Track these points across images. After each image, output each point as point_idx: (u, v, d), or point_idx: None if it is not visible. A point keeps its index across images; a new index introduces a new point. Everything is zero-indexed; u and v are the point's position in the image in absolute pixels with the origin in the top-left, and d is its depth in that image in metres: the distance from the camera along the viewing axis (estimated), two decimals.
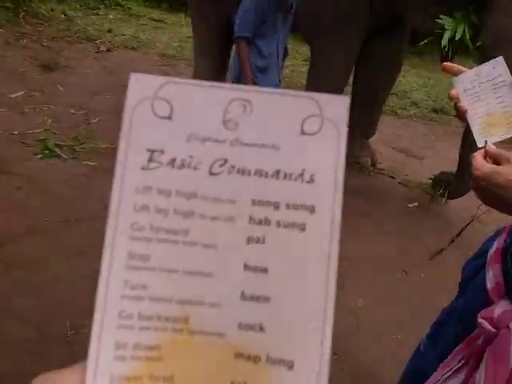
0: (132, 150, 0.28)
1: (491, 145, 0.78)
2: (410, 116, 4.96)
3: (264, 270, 0.27)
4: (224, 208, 0.27)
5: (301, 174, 0.28)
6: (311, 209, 0.27)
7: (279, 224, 0.27)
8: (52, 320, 1.80)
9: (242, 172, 0.28)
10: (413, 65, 6.56)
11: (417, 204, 3.19)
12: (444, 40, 2.68)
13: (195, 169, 0.28)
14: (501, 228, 0.86)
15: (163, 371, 0.27)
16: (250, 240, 0.27)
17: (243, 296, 0.27)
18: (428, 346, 0.95)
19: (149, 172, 0.28)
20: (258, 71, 2.62)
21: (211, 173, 0.28)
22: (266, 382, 0.27)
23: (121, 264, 0.27)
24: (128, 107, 0.28)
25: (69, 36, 5.42)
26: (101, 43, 5.40)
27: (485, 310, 0.71)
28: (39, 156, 2.98)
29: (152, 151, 0.28)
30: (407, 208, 3.15)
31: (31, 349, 1.67)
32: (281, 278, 0.27)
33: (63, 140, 3.20)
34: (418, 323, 2.06)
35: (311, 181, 0.27)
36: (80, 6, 6.61)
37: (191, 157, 0.28)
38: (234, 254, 0.27)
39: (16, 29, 5.16)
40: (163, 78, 0.28)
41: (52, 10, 6.00)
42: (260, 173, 0.28)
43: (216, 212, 0.27)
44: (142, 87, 0.28)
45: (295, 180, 0.28)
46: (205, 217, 0.27)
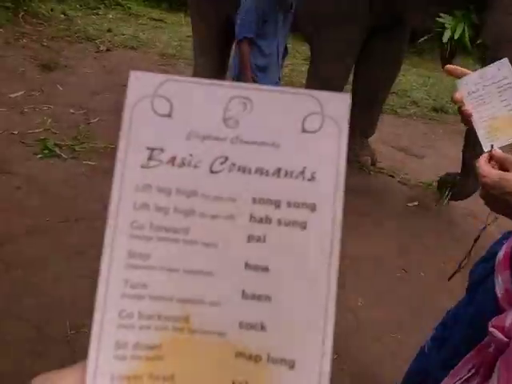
0: (132, 148, 0.28)
1: (497, 149, 0.77)
2: (410, 115, 4.96)
3: (265, 269, 0.27)
4: (224, 206, 0.27)
5: (302, 172, 0.27)
6: (312, 207, 0.27)
7: (280, 222, 0.27)
8: (52, 320, 1.79)
9: (243, 170, 0.27)
10: (413, 64, 6.56)
11: (416, 203, 3.19)
12: (444, 38, 2.67)
13: (195, 167, 0.27)
14: (510, 230, 0.84)
15: (164, 371, 0.27)
16: (251, 238, 0.27)
17: (244, 295, 0.27)
18: (432, 348, 0.94)
19: (149, 170, 0.27)
20: (258, 70, 2.62)
21: (212, 171, 0.27)
22: (267, 382, 0.27)
23: (121, 263, 0.27)
24: (128, 105, 0.28)
25: (68, 36, 5.42)
26: (100, 43, 5.39)
27: (496, 319, 0.69)
28: (39, 156, 2.98)
29: (152, 149, 0.27)
30: (407, 207, 3.15)
31: (31, 348, 1.67)
32: (282, 277, 0.27)
33: (63, 140, 3.20)
34: (418, 322, 2.07)
35: (312, 179, 0.27)
36: (80, 6, 6.61)
37: (191, 155, 0.27)
38: (235, 253, 0.27)
39: (16, 28, 5.16)
40: (163, 76, 0.28)
41: (52, 10, 6.00)
42: (261, 171, 0.27)
43: (216, 210, 0.27)
44: (142, 85, 0.28)
45: (296, 178, 0.27)
46: (205, 215, 0.27)
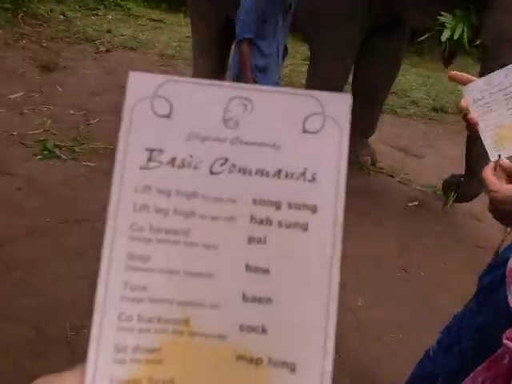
0: (131, 150, 0.27)
1: (505, 159, 0.74)
2: (410, 115, 4.96)
3: (266, 271, 0.27)
4: (225, 208, 0.27)
5: (302, 173, 0.27)
6: (313, 208, 0.27)
7: (281, 224, 0.27)
8: (52, 321, 1.79)
9: (243, 171, 0.27)
10: (412, 64, 6.56)
11: (416, 203, 3.19)
12: (443, 37, 2.67)
13: (195, 168, 0.27)
14: None
15: (163, 374, 0.26)
16: (252, 240, 0.27)
17: (245, 297, 0.27)
18: (438, 352, 0.92)
19: (148, 171, 0.27)
20: (258, 71, 2.62)
21: (212, 172, 0.27)
22: None
23: (120, 265, 0.26)
24: (127, 106, 0.28)
25: (68, 37, 5.42)
26: (100, 44, 5.39)
27: (510, 330, 0.68)
28: (38, 157, 2.98)
29: (151, 150, 0.27)
30: (407, 207, 3.14)
31: (31, 349, 1.67)
32: (283, 279, 0.27)
33: (62, 141, 3.20)
34: (418, 322, 2.07)
35: (313, 180, 0.27)
36: (79, 7, 6.61)
37: (191, 156, 0.27)
38: (235, 255, 0.27)
39: (15, 30, 5.16)
40: (163, 77, 0.28)
41: (51, 11, 6.00)
42: (261, 172, 0.27)
43: (217, 212, 0.27)
44: (142, 86, 0.28)
45: (297, 179, 0.27)
46: (205, 217, 0.27)
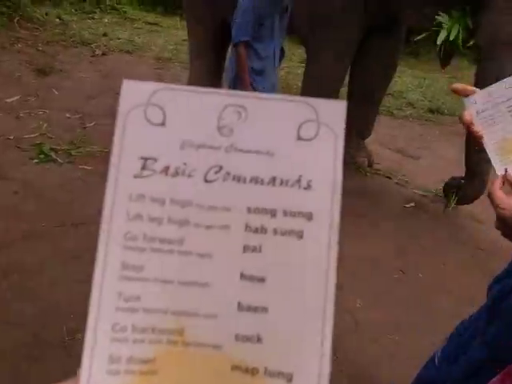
0: (125, 158, 0.27)
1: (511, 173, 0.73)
2: (406, 116, 4.97)
3: (261, 280, 0.26)
4: (219, 216, 0.27)
5: (298, 181, 0.27)
6: (309, 216, 0.27)
7: (276, 232, 0.27)
8: (48, 324, 1.78)
9: (238, 179, 0.27)
10: (408, 65, 6.58)
11: (413, 204, 3.19)
12: (439, 39, 2.69)
13: (189, 176, 0.27)
14: None
15: None
16: (247, 248, 0.27)
17: (240, 306, 0.26)
18: (443, 361, 0.91)
19: (142, 180, 0.27)
20: (255, 73, 2.62)
21: (206, 180, 0.27)
22: None
23: (114, 275, 0.26)
24: (121, 114, 0.27)
25: (64, 40, 5.41)
26: (96, 47, 5.39)
27: None
28: (35, 161, 2.97)
29: (145, 159, 0.27)
30: (404, 208, 3.15)
31: (27, 353, 1.66)
32: (278, 288, 0.26)
33: (59, 144, 3.19)
34: (416, 324, 2.07)
35: (308, 187, 0.27)
36: (75, 11, 6.61)
37: (185, 164, 0.27)
38: (230, 263, 0.27)
39: (11, 33, 5.15)
40: (156, 85, 0.28)
41: (47, 15, 6.00)
42: (256, 180, 0.27)
43: (211, 220, 0.27)
44: (135, 94, 0.28)
45: (292, 186, 0.27)
46: (200, 225, 0.27)
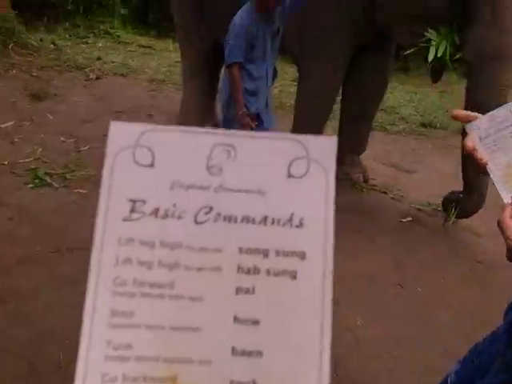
0: (113, 201, 0.27)
1: None
2: (399, 131, 5.01)
3: (255, 322, 0.25)
4: (210, 258, 0.26)
5: (289, 219, 0.26)
6: (302, 255, 0.26)
7: (269, 272, 0.26)
8: (43, 351, 1.76)
9: (229, 219, 0.26)
10: (399, 81, 6.66)
11: (410, 218, 3.19)
12: (430, 56, 2.74)
13: (179, 218, 0.26)
14: None
15: None
16: (239, 290, 0.26)
17: (234, 351, 0.25)
18: (456, 383, 0.89)
19: (131, 223, 0.26)
20: (248, 94, 2.65)
21: (196, 221, 0.26)
22: None
23: (103, 323, 0.25)
24: (109, 156, 0.27)
25: (58, 65, 5.47)
26: (90, 71, 5.44)
27: None
28: (30, 185, 2.97)
29: (134, 201, 0.26)
30: (401, 223, 3.14)
31: (23, 381, 1.63)
32: (273, 330, 0.26)
33: (53, 168, 3.19)
34: (417, 338, 2.05)
35: (300, 225, 0.26)
36: (69, 36, 6.70)
37: (175, 205, 0.27)
38: (223, 307, 0.26)
39: (5, 60, 5.20)
40: (144, 126, 0.28)
41: (41, 41, 6.07)
42: (247, 219, 0.26)
43: (202, 262, 0.26)
44: (123, 135, 0.27)
45: (284, 225, 0.26)
46: (191, 268, 0.26)
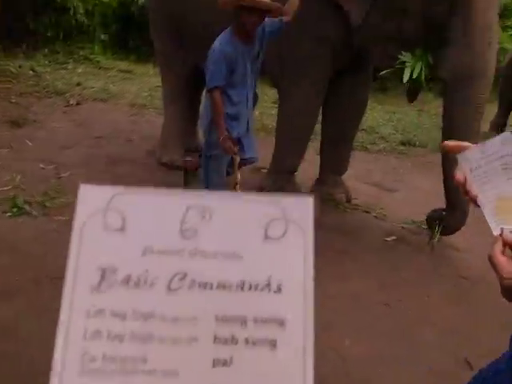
0: (82, 270, 0.25)
1: (508, 232, 0.69)
2: (380, 150, 5.08)
3: None
4: (185, 328, 0.25)
5: (267, 284, 0.25)
6: (281, 322, 0.25)
7: (247, 341, 0.24)
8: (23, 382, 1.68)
9: (204, 286, 0.25)
10: (378, 101, 6.80)
11: (394, 237, 3.21)
12: (405, 77, 2.82)
13: (152, 285, 0.25)
14: None
15: None
16: (216, 363, 0.24)
17: None
18: None
19: (101, 294, 0.25)
20: (230, 119, 2.66)
21: (170, 288, 0.25)
22: None
23: None
24: (78, 221, 0.26)
25: (37, 91, 5.42)
26: (70, 96, 5.41)
27: None
28: (8, 214, 2.90)
29: (104, 269, 0.25)
30: (385, 242, 3.16)
31: None
32: None
33: (33, 196, 3.13)
34: (400, 357, 2.03)
35: (279, 290, 0.25)
36: (48, 62, 6.66)
37: (147, 271, 0.25)
38: (199, 381, 0.24)
39: None
40: (115, 188, 0.27)
41: (20, 67, 6.03)
42: (223, 285, 0.25)
43: (177, 333, 0.25)
44: (93, 199, 0.26)
45: (262, 290, 0.25)
46: (164, 340, 0.24)
